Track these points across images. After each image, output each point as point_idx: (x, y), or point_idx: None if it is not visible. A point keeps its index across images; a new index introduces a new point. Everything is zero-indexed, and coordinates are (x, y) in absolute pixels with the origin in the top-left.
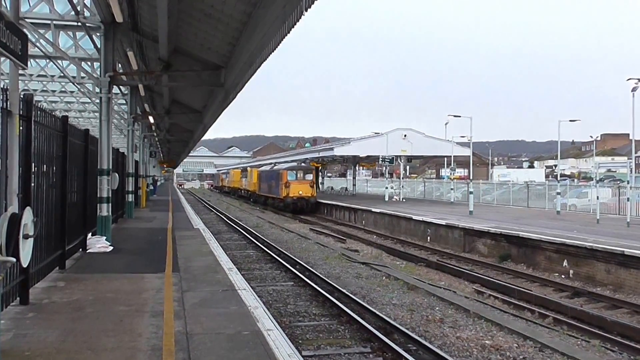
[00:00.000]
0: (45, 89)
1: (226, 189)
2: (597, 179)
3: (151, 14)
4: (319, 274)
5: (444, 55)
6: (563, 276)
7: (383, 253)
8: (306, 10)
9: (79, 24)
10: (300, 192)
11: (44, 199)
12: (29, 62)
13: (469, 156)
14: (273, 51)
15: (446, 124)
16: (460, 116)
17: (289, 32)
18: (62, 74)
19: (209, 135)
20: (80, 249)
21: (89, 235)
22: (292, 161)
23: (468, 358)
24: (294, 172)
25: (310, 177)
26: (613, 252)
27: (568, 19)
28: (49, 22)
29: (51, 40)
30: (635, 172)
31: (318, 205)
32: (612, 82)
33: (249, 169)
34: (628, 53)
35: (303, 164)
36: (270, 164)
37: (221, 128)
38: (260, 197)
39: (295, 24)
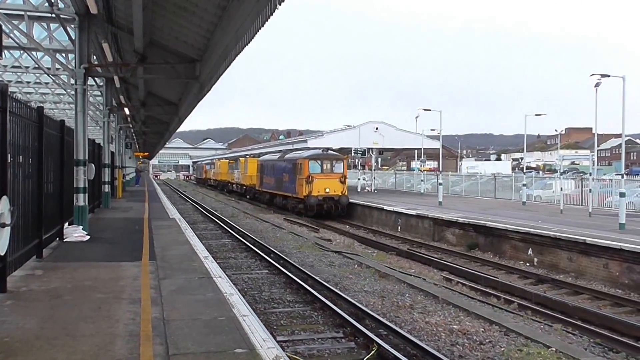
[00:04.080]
0: (19, 80)
1: (211, 182)
2: (561, 171)
3: (126, 5)
4: (293, 263)
5: (415, 52)
6: (528, 264)
7: (355, 242)
8: (280, 4)
9: (53, 15)
10: (328, 190)
11: (21, 189)
12: (3, 53)
13: (439, 149)
14: (247, 44)
15: (417, 117)
16: (430, 110)
17: (263, 26)
18: (36, 66)
19: (184, 127)
20: (57, 238)
21: (66, 224)
22: (267, 153)
23: (437, 342)
24: (319, 161)
25: (340, 168)
26: (575, 241)
27: (535, 16)
28: (22, 13)
29: (25, 31)
30: (597, 165)
31: (350, 206)
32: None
33: (242, 158)
34: (593, 50)
35: (330, 152)
36: (245, 155)
37: (196, 120)
38: (263, 195)
39: (269, 17)
